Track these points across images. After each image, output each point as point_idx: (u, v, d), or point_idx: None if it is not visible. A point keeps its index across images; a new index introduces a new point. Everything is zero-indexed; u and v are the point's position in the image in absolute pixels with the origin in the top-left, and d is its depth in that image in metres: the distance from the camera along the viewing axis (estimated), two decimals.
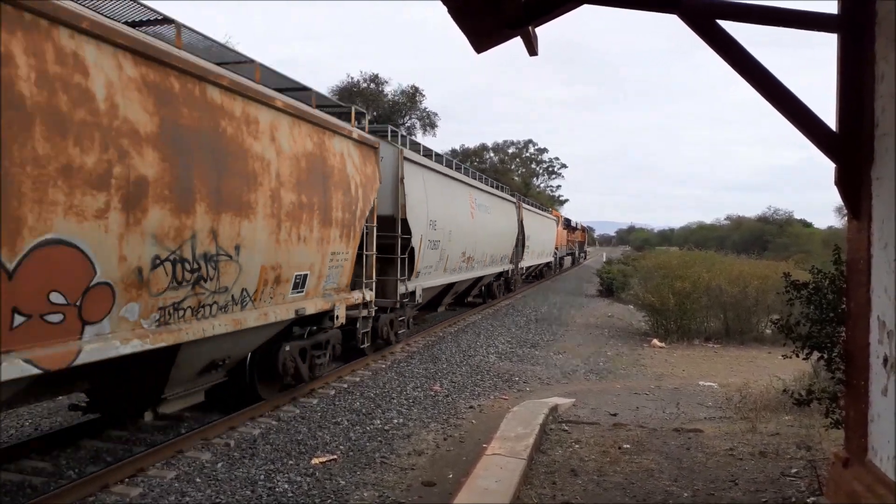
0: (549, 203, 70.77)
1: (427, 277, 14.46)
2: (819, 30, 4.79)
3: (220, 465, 6.56)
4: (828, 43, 4.92)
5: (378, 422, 8.35)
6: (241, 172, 6.89)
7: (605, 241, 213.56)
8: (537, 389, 10.95)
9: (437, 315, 19.03)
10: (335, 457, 6.98)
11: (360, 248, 10.30)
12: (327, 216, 8.77)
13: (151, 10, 6.31)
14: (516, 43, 5.61)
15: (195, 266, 6.31)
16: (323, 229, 8.67)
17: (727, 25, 4.69)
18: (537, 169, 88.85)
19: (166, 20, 6.43)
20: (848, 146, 4.52)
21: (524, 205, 27.95)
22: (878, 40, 4.29)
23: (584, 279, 42.96)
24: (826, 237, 48.45)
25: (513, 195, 26.50)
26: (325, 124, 8.89)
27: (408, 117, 50.87)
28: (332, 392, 9.67)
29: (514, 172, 76.47)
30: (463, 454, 7.22)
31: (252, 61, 7.72)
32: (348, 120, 10.09)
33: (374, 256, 11.05)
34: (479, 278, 20.46)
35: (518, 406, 8.90)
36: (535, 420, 7.92)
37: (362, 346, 11.39)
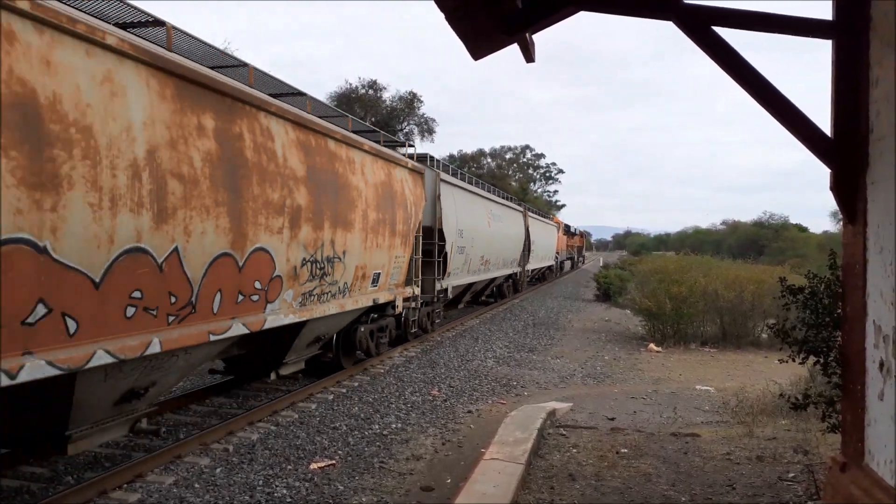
0: (546, 208, 70.95)
1: (455, 277, 17.16)
2: (814, 35, 4.83)
3: (218, 470, 6.56)
4: (822, 48, 4.96)
5: (376, 427, 8.36)
6: (346, 199, 9.60)
7: (602, 245, 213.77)
8: (535, 394, 10.96)
9: (455, 313, 21.35)
10: (334, 462, 6.98)
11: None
12: (394, 228, 11.60)
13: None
14: (514, 48, 5.65)
15: (322, 265, 9.00)
16: (391, 238, 11.49)
17: (722, 32, 4.72)
18: (534, 174, 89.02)
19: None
20: (843, 151, 4.55)
21: (530, 213, 30.99)
22: (873, 45, 4.32)
23: (582, 284, 43.03)
24: (821, 241, 48.58)
25: (520, 205, 29.63)
26: (392, 159, 11.81)
27: (406, 123, 50.96)
28: (331, 397, 9.67)
29: (511, 178, 76.59)
30: (461, 459, 7.22)
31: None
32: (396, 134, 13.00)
33: (420, 259, 13.69)
34: (493, 279, 23.31)
35: (516, 411, 8.90)
36: (532, 425, 7.92)
37: (412, 331, 14.24)
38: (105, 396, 6.15)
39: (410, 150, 14.31)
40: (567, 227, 56.87)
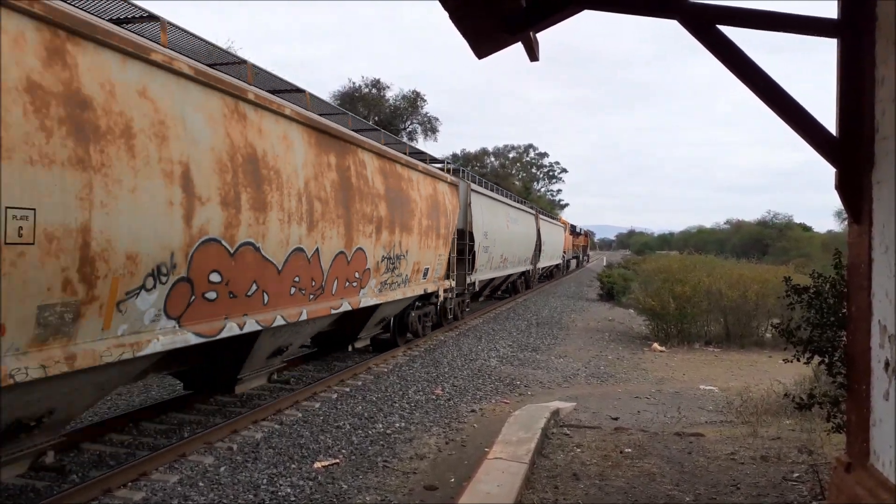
0: (550, 207, 70.96)
1: (481, 273, 19.64)
2: (819, 34, 4.81)
3: (223, 468, 6.57)
4: (828, 48, 4.95)
5: (380, 426, 8.36)
6: (408, 210, 12.19)
7: (606, 245, 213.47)
8: (538, 393, 10.96)
9: (475, 305, 23.28)
10: (337, 461, 6.99)
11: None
12: (438, 232, 14.13)
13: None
14: (518, 47, 5.64)
15: (393, 261, 11.52)
16: (436, 240, 14.04)
17: (727, 30, 4.71)
18: (537, 173, 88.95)
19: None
20: (848, 150, 4.53)
21: (541, 215, 33.58)
22: (878, 44, 4.30)
23: (585, 283, 43.02)
24: (826, 241, 48.46)
25: (532, 208, 32.24)
26: (436, 175, 14.46)
27: (409, 122, 50.95)
28: (335, 396, 9.68)
29: (514, 177, 76.55)
30: (465, 458, 7.23)
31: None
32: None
33: (455, 257, 16.06)
34: (510, 275, 25.84)
35: (519, 410, 8.90)
36: (536, 424, 7.92)
37: (449, 318, 17.01)
38: (266, 351, 8.48)
39: (445, 165, 17.96)
40: (573, 227, 59.59)
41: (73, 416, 6.01)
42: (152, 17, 6.41)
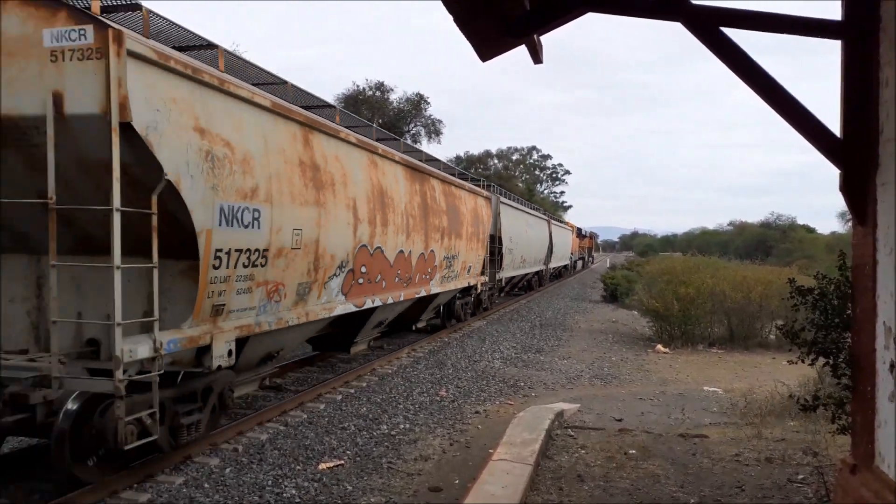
0: (553, 209, 70.98)
1: (506, 271, 23.59)
2: (823, 36, 4.82)
3: (228, 470, 6.59)
4: (832, 51, 4.95)
5: (385, 427, 8.38)
6: (459, 220, 15.28)
7: (609, 246, 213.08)
8: (542, 395, 10.96)
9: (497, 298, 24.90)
10: (342, 462, 7.01)
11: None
12: (478, 237, 17.45)
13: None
14: (522, 50, 5.66)
15: (450, 260, 14.72)
16: (476, 244, 17.32)
17: (731, 32, 4.72)
18: (541, 175, 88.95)
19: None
20: (852, 152, 4.54)
21: (552, 221, 37.76)
22: (883, 45, 4.31)
23: (588, 285, 43.01)
24: (830, 242, 48.33)
25: (544, 214, 36.62)
26: (476, 192, 17.94)
27: (413, 124, 51.01)
28: (339, 397, 9.70)
29: (518, 179, 76.58)
30: (469, 459, 7.24)
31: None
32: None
33: (487, 257, 19.22)
34: (527, 274, 29.78)
35: (524, 411, 8.91)
36: (540, 425, 7.93)
37: (482, 307, 20.81)
38: (374, 322, 11.63)
39: (482, 183, 22.68)
40: (579, 230, 63.91)
41: (286, 355, 10.78)
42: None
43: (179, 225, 5.97)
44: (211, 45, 7.33)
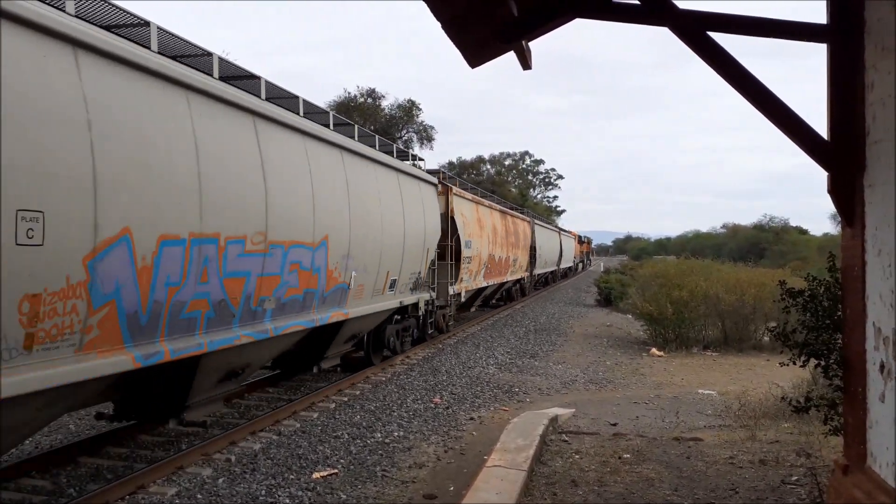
0: (547, 214, 71.24)
1: (538, 269, 35.07)
2: (809, 40, 4.85)
3: (220, 480, 6.55)
4: (818, 53, 4.98)
5: (379, 435, 8.35)
6: (517, 237, 26.56)
7: (603, 250, 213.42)
8: (537, 400, 10.95)
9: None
10: (336, 471, 6.98)
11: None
12: (526, 248, 29.09)
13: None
14: (512, 55, 5.67)
15: (514, 261, 25.99)
16: (522, 252, 27.95)
17: (718, 37, 4.75)
18: (534, 180, 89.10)
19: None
20: (840, 154, 4.57)
21: (562, 231, 51.82)
22: (868, 48, 4.34)
23: (582, 289, 43.15)
24: (822, 244, 48.57)
25: (557, 227, 51.47)
26: (524, 218, 30.14)
27: (405, 131, 51.03)
28: (333, 405, 9.66)
29: (510, 184, 76.66)
30: (464, 466, 7.22)
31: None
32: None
33: (528, 260, 30.48)
34: (546, 272, 40.26)
35: (518, 417, 8.89)
36: (535, 431, 7.91)
37: (526, 293, 32.09)
38: (485, 296, 23.98)
39: (526, 212, 35.23)
40: (580, 237, 76.41)
41: (473, 302, 22.87)
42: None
43: (455, 248, 15.98)
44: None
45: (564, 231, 55.53)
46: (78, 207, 4.94)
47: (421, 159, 15.53)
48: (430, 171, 15.91)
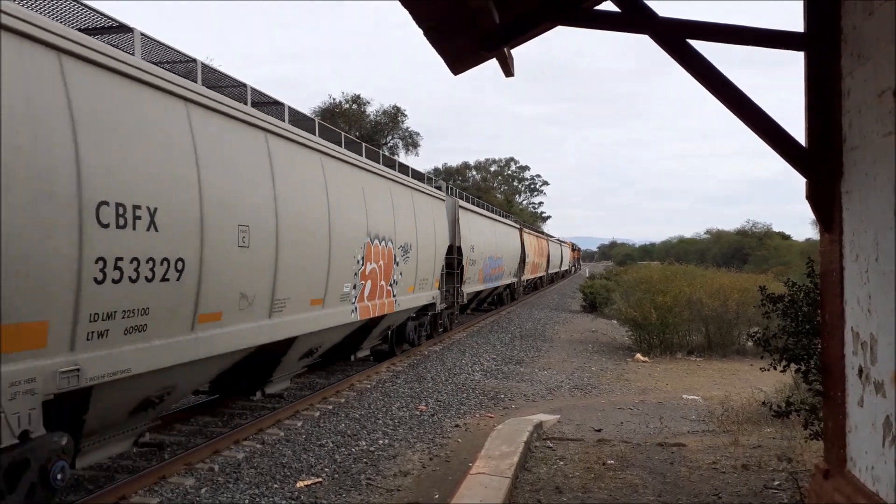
0: (532, 220, 71.46)
1: (552, 269, 51.20)
2: (787, 48, 4.90)
3: (203, 490, 6.49)
4: (795, 62, 5.04)
5: (363, 443, 8.31)
6: (539, 248, 42.37)
7: (588, 256, 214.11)
8: (522, 406, 10.95)
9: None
10: (320, 479, 6.93)
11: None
12: (546, 256, 45.83)
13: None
14: (495, 62, 5.70)
15: (538, 263, 42.23)
16: (539, 257, 42.52)
17: (698, 45, 4.79)
18: (519, 186, 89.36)
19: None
20: (818, 161, 4.62)
21: (561, 242, 63.20)
22: (844, 56, 4.40)
23: (568, 295, 43.33)
24: (804, 249, 48.99)
25: (552, 237, 58.52)
26: (548, 237, 52.93)
27: (390, 137, 51.05)
28: (317, 414, 9.61)
29: (496, 190, 76.82)
30: (449, 474, 7.20)
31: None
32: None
33: (546, 264, 47.30)
34: (555, 273, 52.94)
35: (503, 424, 8.89)
36: (519, 438, 7.91)
37: (541, 284, 48.52)
38: (527, 285, 39.81)
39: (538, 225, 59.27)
40: (572, 245, 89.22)
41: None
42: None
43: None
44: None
45: (553, 238, 60.16)
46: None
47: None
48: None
